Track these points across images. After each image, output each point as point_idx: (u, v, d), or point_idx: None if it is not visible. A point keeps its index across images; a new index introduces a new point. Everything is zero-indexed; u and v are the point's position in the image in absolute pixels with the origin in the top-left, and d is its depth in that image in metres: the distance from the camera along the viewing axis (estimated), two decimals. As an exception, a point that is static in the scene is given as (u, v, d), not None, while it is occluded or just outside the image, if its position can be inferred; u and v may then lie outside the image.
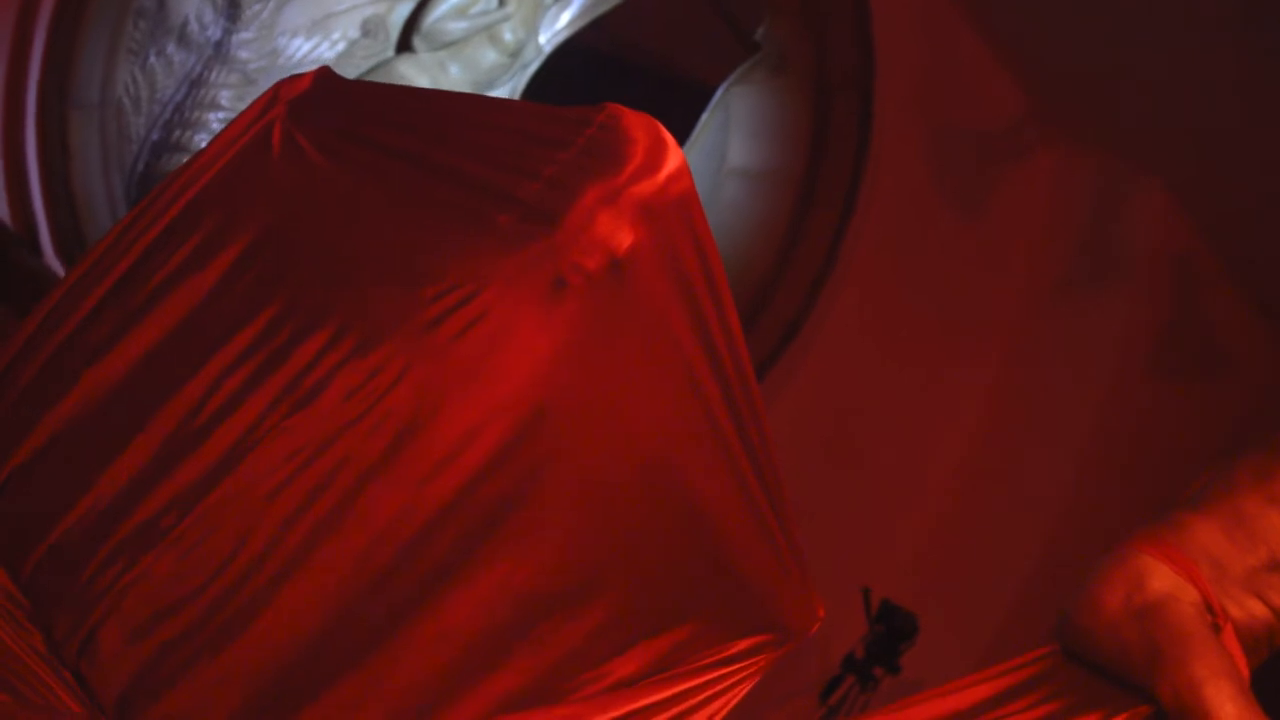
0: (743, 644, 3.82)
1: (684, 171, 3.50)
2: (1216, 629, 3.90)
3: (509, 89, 8.00)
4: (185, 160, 3.90)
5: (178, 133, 7.68)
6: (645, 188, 3.45)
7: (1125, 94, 7.51)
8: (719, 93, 8.17)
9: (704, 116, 8.17)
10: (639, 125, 3.52)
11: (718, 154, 8.17)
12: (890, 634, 6.83)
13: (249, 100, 7.57)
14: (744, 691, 3.83)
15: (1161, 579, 3.93)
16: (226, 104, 7.71)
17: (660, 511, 3.66)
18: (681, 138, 8.20)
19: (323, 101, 3.82)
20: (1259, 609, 3.98)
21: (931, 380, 7.85)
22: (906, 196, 7.95)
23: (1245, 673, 3.91)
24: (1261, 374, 7.15)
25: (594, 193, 3.43)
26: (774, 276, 7.98)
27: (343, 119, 3.81)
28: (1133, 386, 7.57)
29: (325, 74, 3.88)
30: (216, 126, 7.69)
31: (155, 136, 7.71)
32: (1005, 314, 7.83)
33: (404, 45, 7.85)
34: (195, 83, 7.71)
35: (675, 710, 3.74)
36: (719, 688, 3.80)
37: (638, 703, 3.72)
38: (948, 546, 7.59)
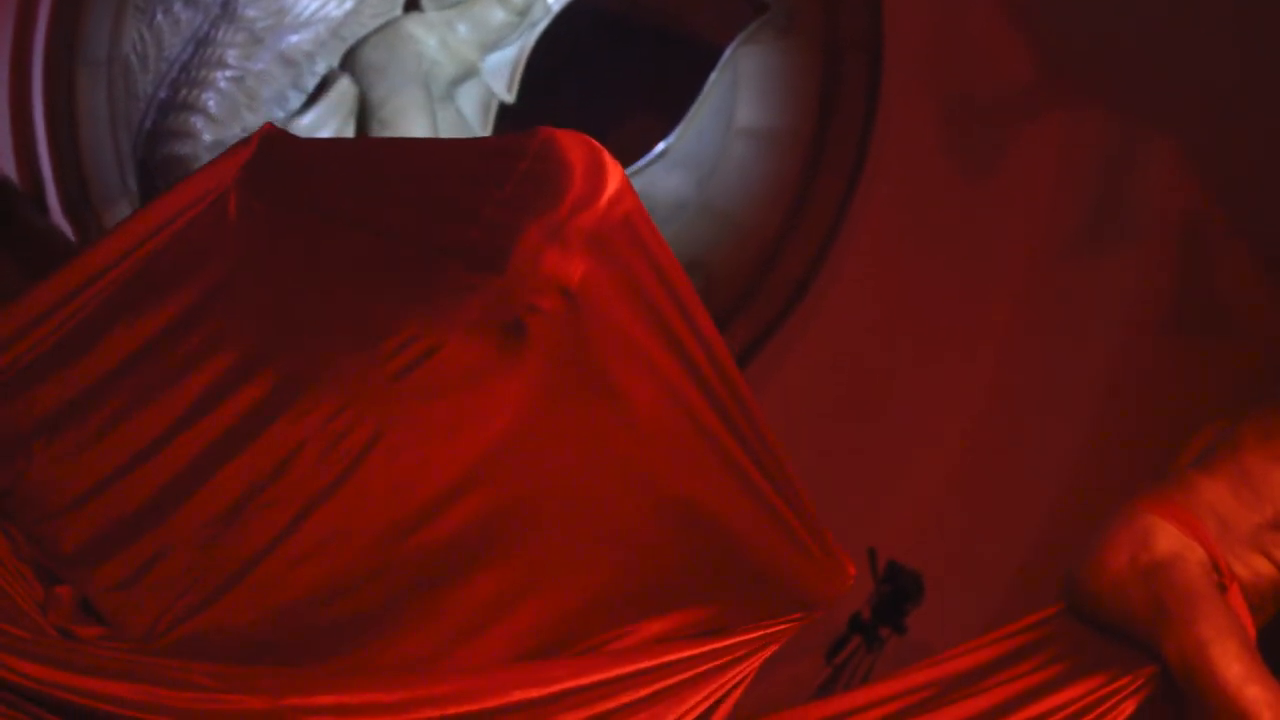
0: (770, 628, 3.83)
1: (625, 190, 3.50)
2: (1222, 588, 3.90)
3: (517, 48, 7.98)
4: (135, 214, 3.92)
5: (185, 91, 7.66)
6: (587, 217, 3.44)
7: (1134, 54, 7.48)
8: (727, 53, 8.14)
9: (712, 76, 8.14)
10: (574, 149, 3.50)
11: (725, 114, 8.15)
12: (897, 595, 6.82)
13: (255, 59, 7.59)
14: (770, 652, 3.85)
15: (1167, 538, 3.92)
16: (233, 63, 7.69)
17: (656, 521, 3.67)
18: (689, 97, 8.18)
19: (272, 166, 3.81)
20: (1265, 567, 3.98)
21: (940, 341, 7.83)
22: (915, 157, 7.93)
23: (1251, 631, 3.91)
24: (1270, 333, 7.13)
25: (536, 230, 3.42)
26: (782, 236, 7.96)
27: (292, 185, 3.81)
28: (1142, 346, 7.55)
29: (271, 135, 3.86)
30: (224, 85, 7.67)
31: (162, 95, 7.69)
32: (1014, 274, 7.80)
33: (412, 4, 7.82)
34: (202, 41, 7.68)
35: (701, 669, 3.76)
36: (743, 651, 3.81)
37: (661, 658, 3.73)
38: (955, 507, 7.58)
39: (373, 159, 4.00)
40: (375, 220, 3.66)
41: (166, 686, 3.34)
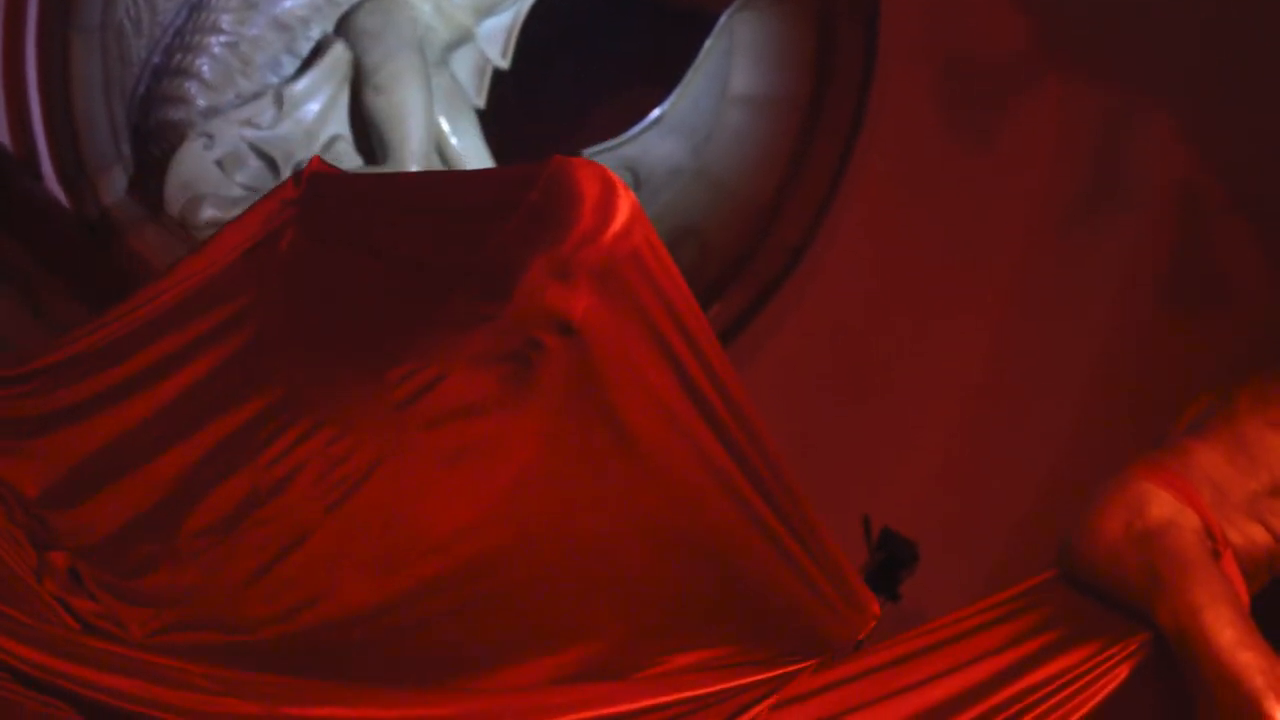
0: (789, 667, 3.82)
1: (635, 223, 3.43)
2: (1216, 555, 3.90)
3: (512, 13, 7.97)
4: (202, 243, 3.97)
5: (178, 57, 7.65)
6: (592, 252, 3.39)
7: (1131, 24, 7.46)
8: (722, 19, 8.14)
9: (707, 43, 8.14)
10: (587, 180, 3.44)
11: (721, 81, 8.15)
12: (891, 562, 6.82)
13: (249, 24, 7.57)
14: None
15: (1162, 505, 3.92)
16: (227, 28, 7.68)
17: (664, 559, 3.65)
18: (684, 64, 8.17)
19: (321, 203, 3.84)
20: (1260, 534, 3.97)
21: (936, 309, 7.83)
22: (911, 124, 7.92)
23: (1245, 598, 3.90)
24: (1265, 303, 7.13)
25: (540, 263, 3.39)
26: (777, 204, 7.96)
27: (332, 219, 3.82)
28: (1138, 315, 7.55)
29: (319, 174, 3.88)
30: (218, 51, 7.66)
31: (156, 60, 7.68)
32: (1011, 243, 7.80)
33: (406, -31, 7.82)
34: (196, 6, 7.67)
35: (724, 703, 3.75)
36: (763, 691, 3.80)
37: (684, 692, 3.71)
38: (950, 474, 7.58)
39: (399, 191, 3.99)
40: (390, 251, 3.66)
41: (165, 685, 3.33)
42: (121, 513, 3.69)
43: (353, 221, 3.82)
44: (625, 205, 3.43)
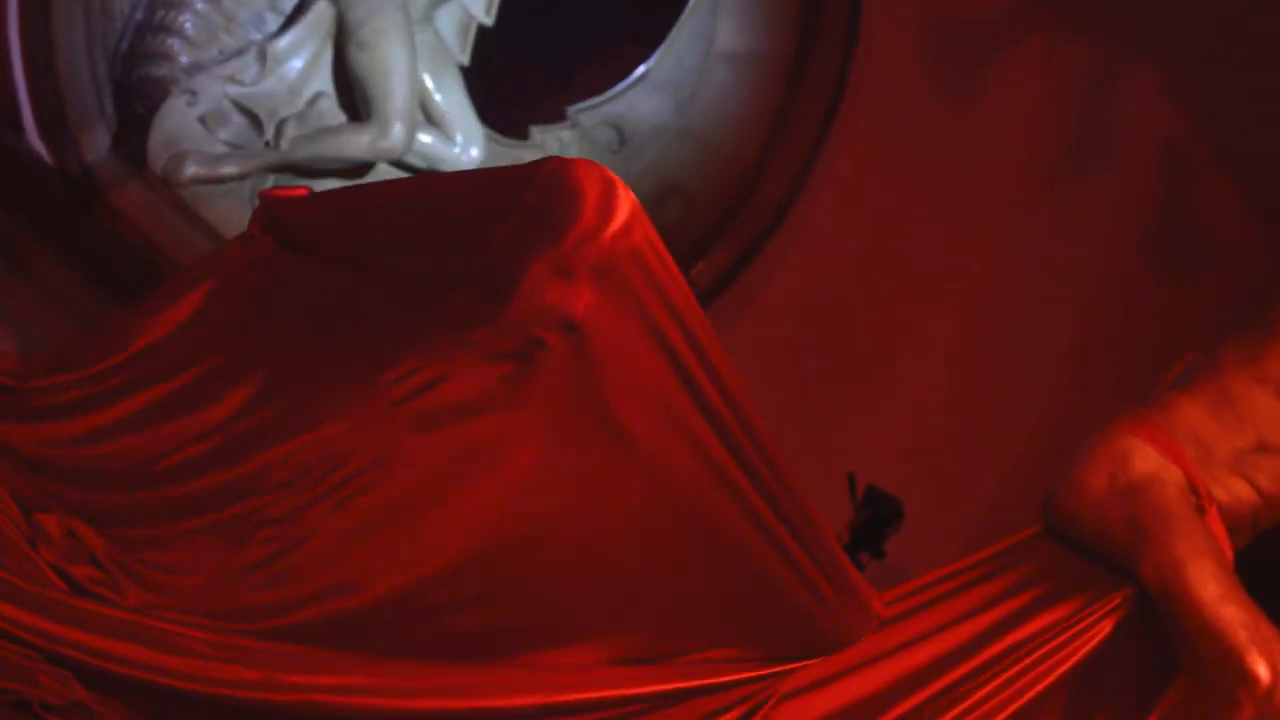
0: (789, 665, 3.82)
1: (635, 220, 3.42)
2: (1201, 510, 3.90)
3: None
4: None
5: (161, 13, 7.61)
6: (592, 250, 3.38)
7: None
8: (708, -25, 8.13)
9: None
10: (586, 178, 3.42)
11: (706, 38, 8.12)
12: (876, 519, 6.83)
13: (231, -19, 7.53)
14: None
15: (1146, 460, 3.92)
16: (210, -17, 7.66)
17: (662, 557, 3.64)
18: (669, 21, 8.15)
19: (286, 224, 3.83)
20: (1244, 491, 3.97)
21: (921, 265, 7.83)
22: (896, 82, 7.90)
23: (1229, 554, 3.90)
24: (1251, 260, 7.13)
25: (540, 262, 3.38)
26: (762, 161, 7.94)
27: (311, 232, 3.81)
28: (1123, 273, 7.55)
29: (268, 199, 3.90)
30: (201, 7, 7.63)
31: (139, 16, 7.63)
32: (996, 200, 7.80)
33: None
34: (179, -38, 7.64)
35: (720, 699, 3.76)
36: (763, 688, 3.81)
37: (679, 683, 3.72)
38: (934, 432, 7.59)
39: (383, 199, 3.95)
40: (379, 261, 3.64)
41: (163, 649, 3.34)
42: (119, 500, 3.68)
43: (329, 237, 3.82)
44: (625, 203, 3.42)
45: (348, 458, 3.57)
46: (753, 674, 3.79)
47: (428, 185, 4.50)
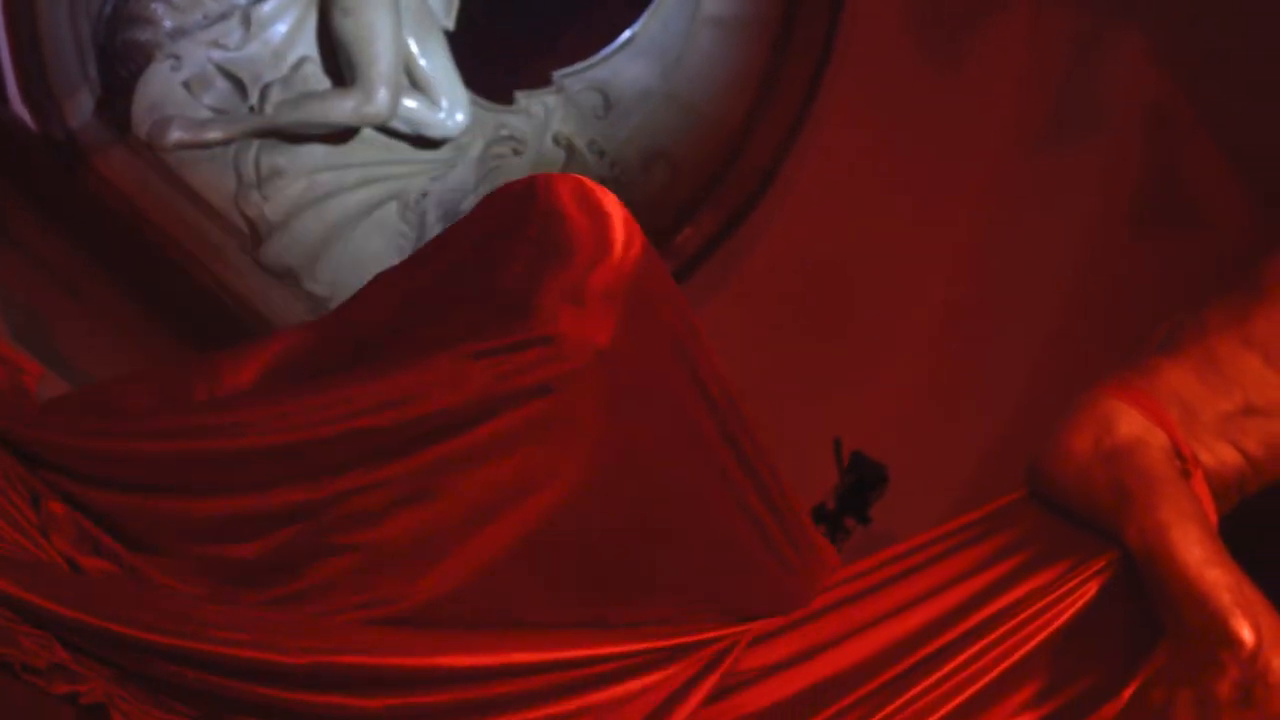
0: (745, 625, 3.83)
1: (633, 230, 3.45)
2: (1186, 474, 3.89)
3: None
4: None
5: (145, -23, 7.60)
6: (603, 273, 3.40)
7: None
8: (694, -60, 8.10)
9: (678, -36, 8.11)
10: (570, 203, 3.46)
11: (691, 2, 8.11)
12: (861, 485, 6.84)
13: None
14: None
15: (1130, 423, 3.90)
16: (194, -51, 7.64)
17: (644, 532, 3.64)
18: (655, -16, 8.15)
19: None
20: (1230, 455, 3.95)
21: (908, 230, 7.82)
22: (882, 45, 7.89)
23: (1214, 518, 3.89)
24: (1237, 223, 7.12)
25: (557, 296, 3.37)
26: (748, 126, 7.94)
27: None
28: (1110, 236, 7.55)
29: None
30: (183, -28, 7.63)
31: (123, -20, 7.62)
32: (982, 164, 7.79)
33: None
34: (162, -75, 7.61)
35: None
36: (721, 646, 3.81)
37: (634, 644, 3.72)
38: (920, 397, 7.59)
39: (397, 277, 3.91)
40: (408, 333, 3.61)
41: (153, 608, 3.31)
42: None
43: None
44: (617, 213, 3.47)
45: (377, 490, 3.53)
46: (714, 634, 3.79)
47: (437, 247, 4.40)
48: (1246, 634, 3.58)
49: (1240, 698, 3.65)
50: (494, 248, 3.57)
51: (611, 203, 3.49)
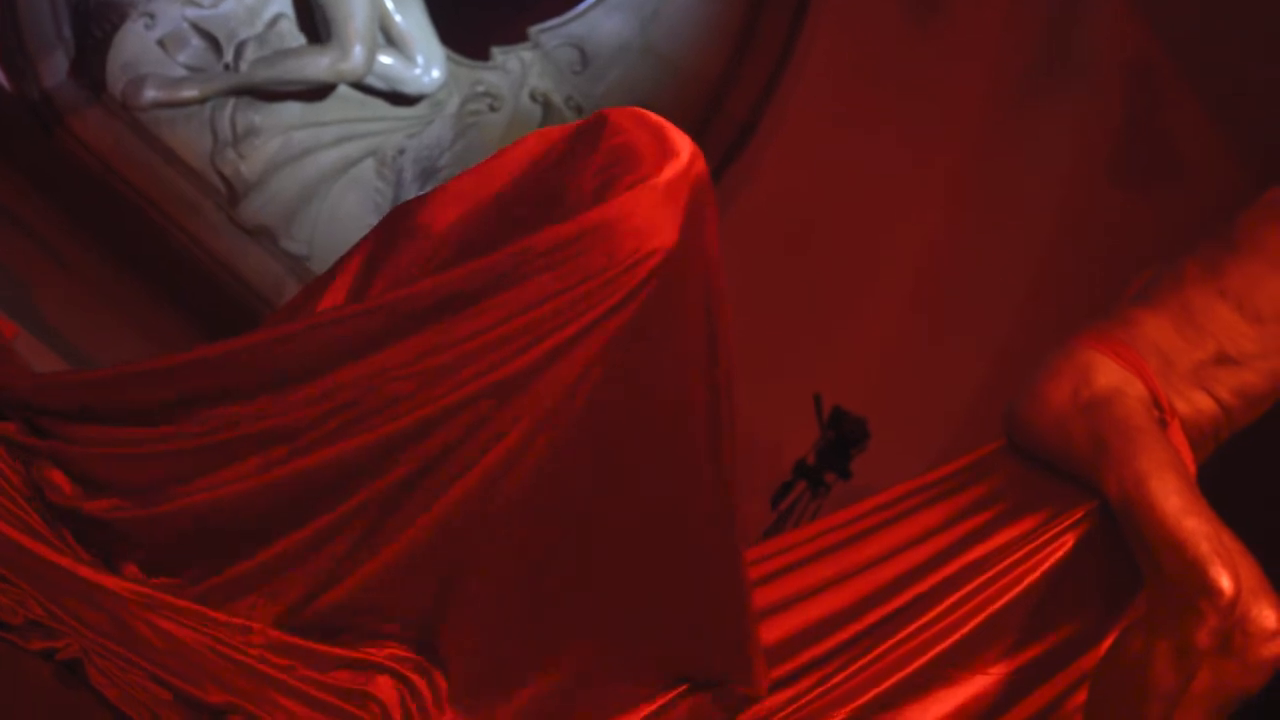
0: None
1: (696, 147, 3.51)
2: (1163, 424, 3.90)
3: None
4: None
5: (120, -57, 7.57)
6: (673, 169, 3.43)
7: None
8: (670, -109, 8.07)
9: (654, -84, 8.08)
10: (637, 125, 3.54)
11: (669, -44, 8.09)
12: (841, 440, 6.84)
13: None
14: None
15: (1108, 373, 3.91)
16: (171, -81, 7.61)
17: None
18: (631, -61, 8.11)
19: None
20: (1207, 403, 3.97)
21: (888, 184, 7.81)
22: (860, -2, 7.89)
23: (1191, 467, 3.91)
24: (1216, 174, 7.13)
25: (632, 192, 3.38)
26: (725, 80, 7.92)
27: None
28: (1090, 188, 7.55)
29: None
30: (162, -60, 7.61)
31: (96, -61, 7.59)
32: (963, 115, 7.78)
33: None
34: (139, -107, 7.58)
35: None
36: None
37: None
38: (900, 352, 7.60)
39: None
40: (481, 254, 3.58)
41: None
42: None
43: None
44: (677, 132, 3.54)
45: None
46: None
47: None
48: (1225, 582, 3.58)
49: (1219, 645, 3.66)
50: (564, 166, 3.59)
51: (669, 124, 3.55)
